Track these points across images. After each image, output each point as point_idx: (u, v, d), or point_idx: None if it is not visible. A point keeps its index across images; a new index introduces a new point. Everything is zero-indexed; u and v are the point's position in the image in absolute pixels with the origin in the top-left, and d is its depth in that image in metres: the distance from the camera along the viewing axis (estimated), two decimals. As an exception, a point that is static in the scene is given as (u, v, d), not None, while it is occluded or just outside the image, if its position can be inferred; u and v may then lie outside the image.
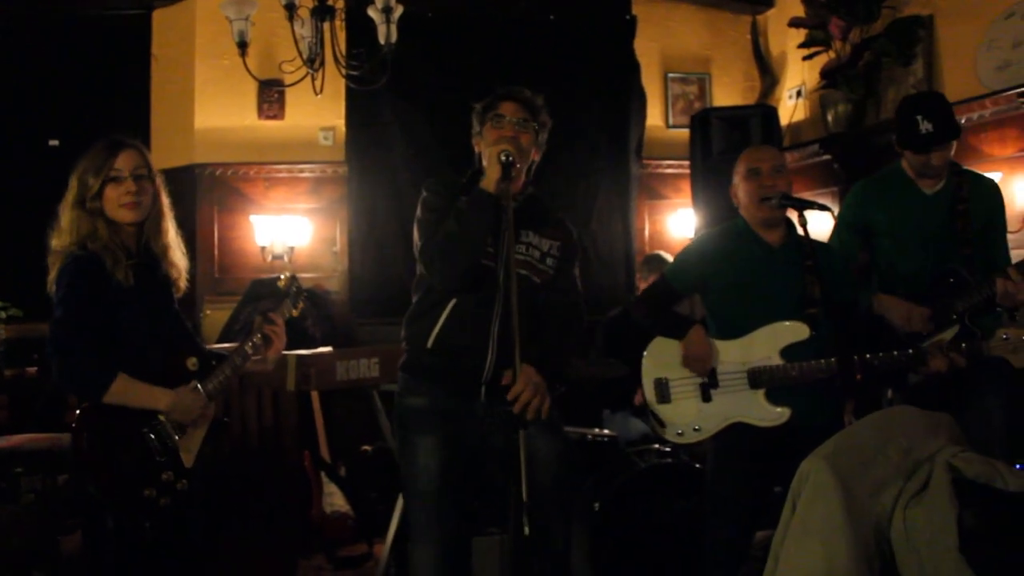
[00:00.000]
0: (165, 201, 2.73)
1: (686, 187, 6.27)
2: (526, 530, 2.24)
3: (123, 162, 2.61)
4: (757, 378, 3.11)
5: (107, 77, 6.69)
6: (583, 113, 6.57)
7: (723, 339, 3.18)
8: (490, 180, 2.61)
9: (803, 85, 6.43)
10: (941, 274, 3.33)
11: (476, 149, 2.84)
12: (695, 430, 3.16)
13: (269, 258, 6.28)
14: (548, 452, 2.68)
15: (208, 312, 6.11)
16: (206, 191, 6.36)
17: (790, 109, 6.49)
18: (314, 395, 5.16)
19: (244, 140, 6.41)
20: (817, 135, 6.10)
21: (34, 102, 6.72)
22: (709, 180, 5.31)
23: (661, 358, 3.24)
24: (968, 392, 3.18)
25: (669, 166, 6.87)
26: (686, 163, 5.86)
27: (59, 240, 2.61)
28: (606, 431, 4.26)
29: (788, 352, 3.10)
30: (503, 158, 2.60)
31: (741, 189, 3.21)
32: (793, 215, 3.17)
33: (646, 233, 6.87)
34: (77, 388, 2.51)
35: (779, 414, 3.09)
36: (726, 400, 3.14)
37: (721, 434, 3.13)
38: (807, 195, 5.65)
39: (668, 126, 6.92)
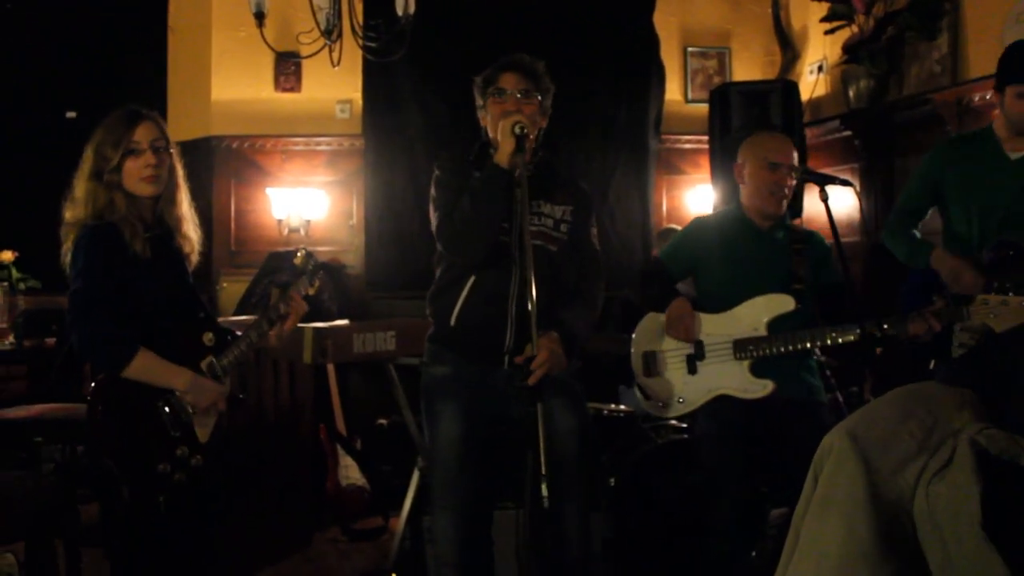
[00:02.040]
0: (180, 173, 2.72)
1: (705, 162, 6.23)
2: (545, 502, 2.25)
3: (142, 134, 2.59)
4: (743, 349, 3.13)
5: (123, 49, 6.70)
6: (601, 87, 6.52)
7: (712, 312, 3.21)
8: (503, 153, 2.60)
9: (824, 60, 6.37)
10: (1001, 244, 3.17)
11: (482, 123, 2.83)
12: (679, 402, 3.20)
13: (285, 231, 6.29)
14: (567, 425, 2.69)
15: (224, 285, 6.13)
16: (222, 163, 6.36)
17: (811, 84, 6.43)
18: (330, 368, 5.18)
19: (261, 112, 6.41)
20: (838, 111, 6.04)
21: (50, 74, 6.74)
22: (728, 155, 5.26)
23: (650, 332, 3.28)
24: (1014, 369, 3.15)
25: (687, 141, 6.82)
26: (705, 138, 5.83)
27: (73, 212, 2.59)
28: (622, 406, 4.26)
29: (774, 325, 3.15)
30: (517, 130, 2.59)
31: (754, 176, 3.23)
32: (813, 190, 3.16)
33: (664, 208, 6.84)
34: (98, 360, 2.50)
35: (762, 386, 3.13)
36: (711, 372, 3.17)
37: (706, 407, 3.16)
38: (828, 171, 5.60)
39: (687, 101, 6.87)
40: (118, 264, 2.52)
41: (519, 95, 2.71)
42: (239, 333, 2.76)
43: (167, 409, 2.55)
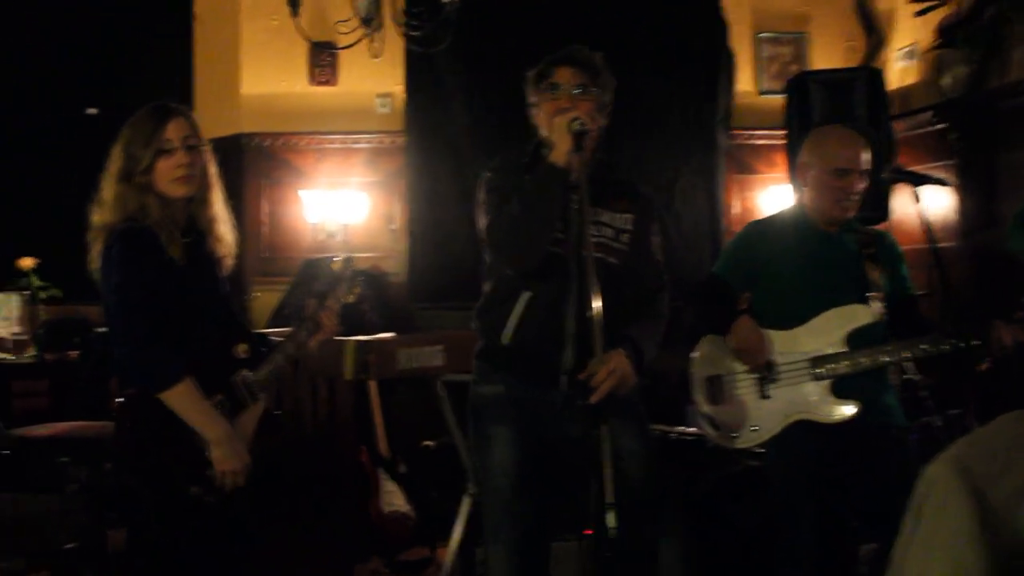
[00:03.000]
0: (212, 171, 2.75)
1: (780, 160, 6.18)
2: (611, 533, 2.24)
3: (173, 131, 2.63)
4: (821, 368, 3.11)
5: (146, 40, 6.82)
6: (664, 79, 6.49)
7: (781, 329, 3.17)
8: (559, 152, 2.60)
9: (915, 44, 6.29)
10: None
11: (535, 121, 2.83)
12: (752, 430, 3.16)
13: (321, 236, 6.34)
14: (633, 450, 2.68)
15: (257, 294, 6.20)
16: (252, 163, 6.45)
17: (899, 72, 6.35)
18: (372, 385, 5.21)
19: (294, 108, 6.48)
20: (930, 101, 5.96)
21: (69, 68, 6.89)
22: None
23: (712, 356, 3.27)
24: None
25: (761, 136, 6.77)
26: (780, 133, 5.78)
27: (102, 216, 2.63)
28: (691, 429, 4.24)
29: (854, 338, 3.09)
30: (576, 126, 2.58)
31: (819, 182, 3.20)
32: (902, 190, 3.12)
33: (734, 211, 6.79)
34: (145, 378, 2.54)
35: (846, 409, 3.06)
36: (786, 395, 3.14)
37: (782, 434, 3.13)
38: (919, 168, 5.52)
39: (760, 92, 6.82)
40: (155, 269, 2.57)
41: (575, 91, 2.71)
42: (278, 339, 2.80)
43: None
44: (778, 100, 5.83)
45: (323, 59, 6.42)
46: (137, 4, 6.79)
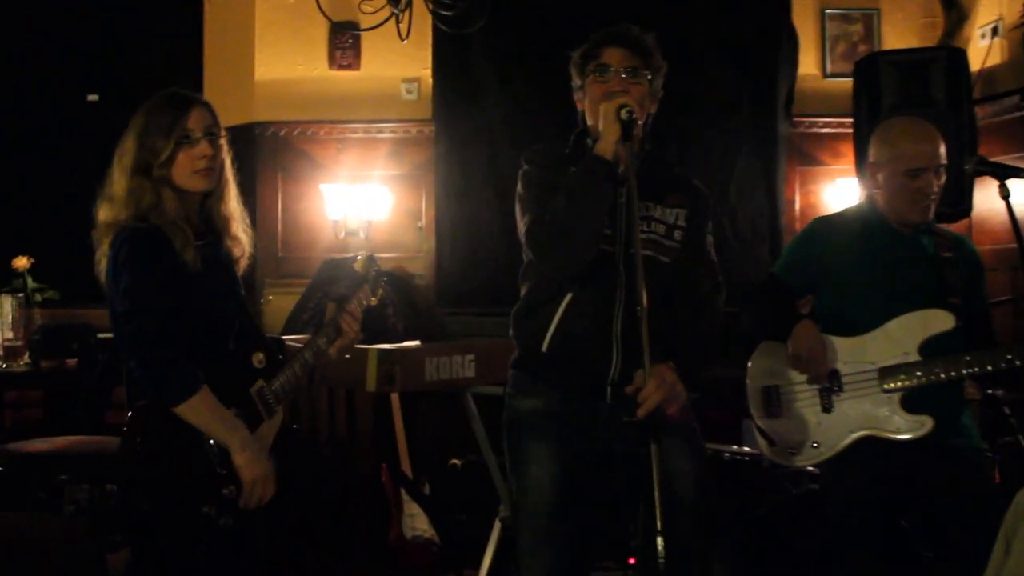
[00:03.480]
0: (228, 165, 2.79)
1: (848, 150, 6.13)
2: (659, 562, 2.25)
3: (195, 120, 2.66)
4: (891, 379, 3.10)
5: (152, 20, 6.88)
6: (718, 62, 6.48)
7: (847, 336, 3.17)
8: (607, 143, 2.61)
9: (1000, 20, 6.23)
10: None
11: (579, 107, 2.84)
12: (813, 446, 3.15)
13: (342, 234, 6.38)
14: (685, 471, 2.68)
15: (270, 298, 6.25)
16: (268, 155, 6.50)
17: (983, 51, 6.29)
18: (394, 398, 5.24)
19: (313, 94, 6.53)
20: (1018, 84, 5.91)
21: (68, 52, 6.96)
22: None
23: (769, 364, 3.27)
24: None
25: (826, 124, 6.73)
26: (848, 121, 5.74)
27: (111, 212, 2.66)
28: (747, 448, 4.22)
29: (928, 347, 3.08)
30: (624, 115, 2.59)
31: (891, 183, 3.19)
32: (987, 184, 3.10)
33: (797, 207, 6.76)
34: (160, 390, 2.56)
35: (919, 423, 3.07)
36: (852, 408, 3.13)
37: (845, 452, 3.12)
38: (1005, 159, 5.47)
39: (825, 75, 6.78)
40: (167, 275, 2.60)
41: (625, 74, 2.72)
42: (294, 344, 2.82)
43: (212, 442, 2.61)
44: (846, 84, 5.78)
45: (344, 41, 6.46)
46: (140, -19, 6.88)
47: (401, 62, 6.41)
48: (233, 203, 2.81)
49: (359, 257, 3.03)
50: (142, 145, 2.65)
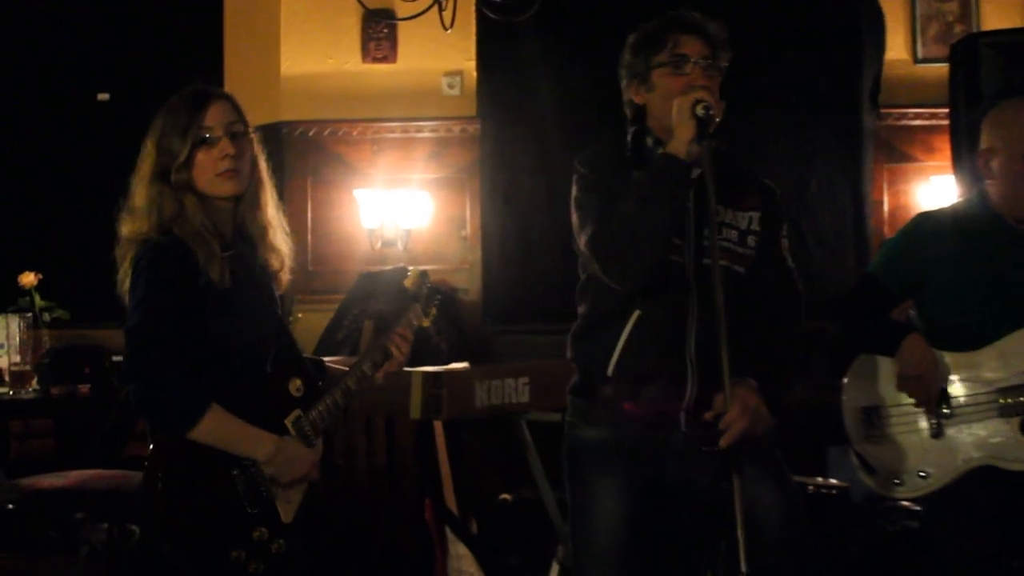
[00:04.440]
0: (263, 166, 2.78)
1: (943, 144, 6.08)
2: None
3: (214, 117, 2.65)
4: (1013, 401, 3.05)
5: (167, 13, 6.94)
6: (794, 48, 6.48)
7: (956, 351, 3.12)
8: (680, 141, 2.61)
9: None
10: None
11: (636, 100, 2.83)
12: (920, 476, 3.11)
13: (378, 245, 6.44)
14: (771, 507, 2.67)
15: (300, 316, 6.28)
16: (296, 158, 6.57)
17: (1094, 32, 6.23)
18: (438, 426, 5.26)
19: (345, 90, 6.60)
20: None
21: (77, 48, 7.03)
22: (977, 134, 5.16)
23: (868, 381, 3.23)
24: None
25: (918, 116, 6.71)
26: (943, 111, 5.71)
27: (132, 225, 2.66)
28: (833, 480, 4.20)
29: None
30: (700, 111, 2.60)
31: (1007, 170, 3.15)
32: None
33: (885, 209, 6.73)
34: (159, 418, 2.58)
35: None
36: (965, 434, 3.09)
37: (956, 484, 3.08)
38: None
39: (916, 60, 6.75)
40: (187, 293, 2.60)
41: (703, 65, 2.72)
42: (333, 366, 2.83)
43: (243, 480, 2.62)
44: (940, 70, 5.77)
45: (379, 31, 6.52)
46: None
47: (442, 53, 6.46)
48: (270, 209, 2.80)
49: (410, 273, 3.03)
50: (159, 148, 2.65)
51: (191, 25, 7.00)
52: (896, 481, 3.16)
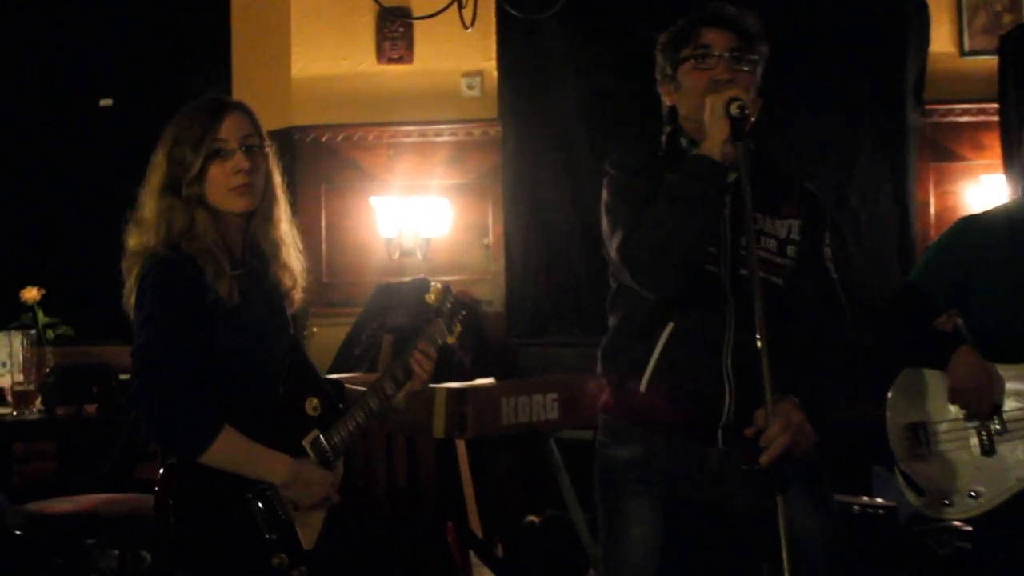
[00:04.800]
0: (277, 180, 2.80)
1: (992, 142, 6.08)
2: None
3: (229, 129, 2.67)
4: None
5: (172, 13, 6.96)
6: (833, 42, 6.46)
7: (1008, 363, 3.12)
8: (713, 142, 2.60)
9: None
10: None
11: (666, 100, 2.84)
12: (972, 496, 3.11)
13: (396, 255, 6.45)
14: (814, 529, 2.67)
15: (315, 330, 6.29)
16: (308, 164, 6.59)
17: None
18: (460, 444, 5.27)
19: (359, 93, 6.62)
20: None
21: (78, 51, 7.06)
22: (1029, 130, 5.16)
23: (914, 396, 3.23)
24: None
25: (965, 112, 6.68)
26: (992, 107, 5.71)
27: (140, 237, 2.68)
28: (879, 499, 4.19)
29: None
30: (734, 110, 2.60)
31: None
32: None
33: (931, 210, 6.70)
34: (169, 441, 2.60)
35: None
36: (1019, 452, 3.09)
37: (1010, 505, 3.08)
38: None
39: (963, 53, 6.73)
40: (195, 311, 2.62)
41: (730, 58, 2.73)
42: (351, 385, 2.84)
43: (260, 504, 2.63)
44: (988, 63, 5.76)
45: (395, 30, 6.53)
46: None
47: (461, 53, 6.47)
48: (283, 225, 2.82)
49: (434, 287, 3.04)
50: (171, 160, 2.67)
51: (196, 25, 7.02)
52: (945, 502, 3.15)
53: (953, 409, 3.16)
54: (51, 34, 7.05)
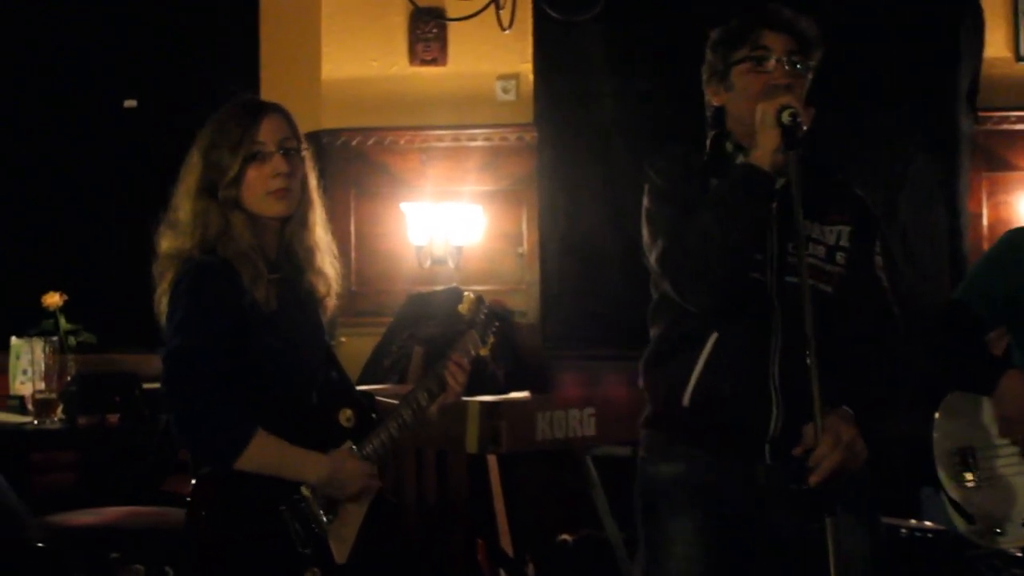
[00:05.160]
0: (313, 184, 2.84)
1: (1050, 151, 6.06)
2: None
3: (268, 132, 2.71)
4: None
5: (198, 13, 7.01)
6: (882, 45, 6.45)
7: None
8: (763, 150, 2.61)
9: None
10: None
11: (713, 101, 2.85)
12: None
13: (427, 263, 6.46)
14: (863, 553, 2.67)
15: (343, 340, 6.31)
16: (338, 169, 6.62)
17: None
18: (491, 460, 5.28)
19: (390, 96, 6.65)
20: None
21: (101, 51, 7.10)
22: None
23: (962, 420, 3.24)
24: None
25: (1020, 119, 6.66)
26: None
27: (175, 240, 2.72)
28: (929, 523, 4.18)
29: None
30: (786, 118, 2.60)
31: None
32: None
33: (984, 222, 6.67)
34: (202, 448, 2.64)
35: None
36: None
37: None
38: None
39: (1019, 58, 6.70)
40: (230, 316, 2.65)
41: (788, 64, 2.74)
42: (382, 398, 2.86)
43: (294, 517, 2.66)
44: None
45: (428, 31, 6.55)
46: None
47: (496, 55, 6.50)
48: (318, 230, 2.86)
49: (467, 297, 3.06)
50: (207, 162, 2.71)
51: (224, 24, 7.06)
52: (997, 530, 3.15)
53: (1003, 435, 3.16)
54: (74, 34, 7.09)
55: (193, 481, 2.64)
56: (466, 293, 3.07)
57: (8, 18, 6.94)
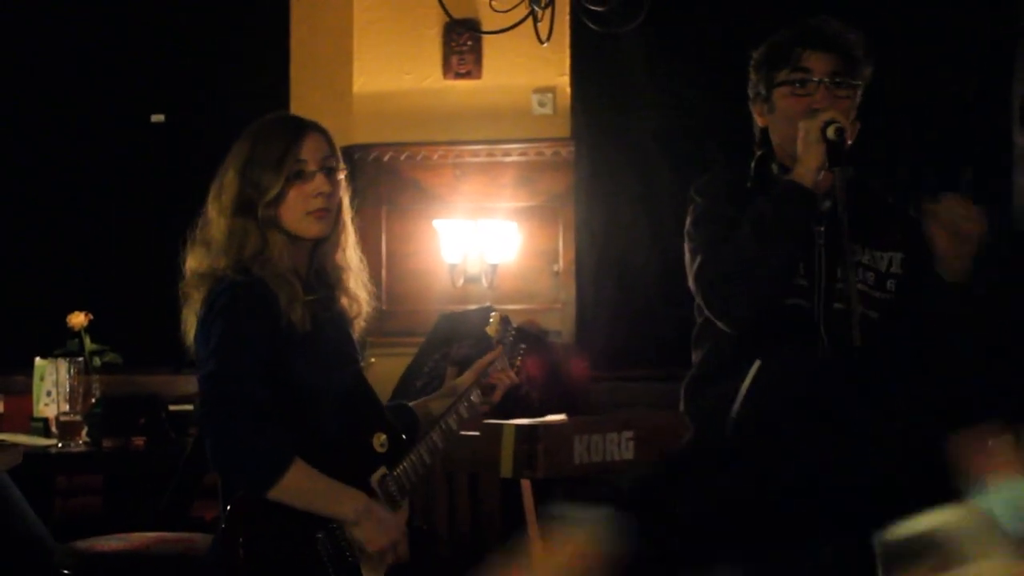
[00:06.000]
0: (346, 205, 2.87)
1: (1107, 169, 6.02)
2: None
3: (310, 151, 2.73)
4: None
5: (228, 25, 7.05)
6: (934, 58, 6.43)
7: None
8: (806, 168, 2.60)
9: None
10: None
11: (758, 121, 2.84)
12: None
13: (460, 281, 6.50)
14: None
15: (372, 360, 6.32)
16: (368, 185, 6.63)
17: None
18: (526, 485, 5.27)
19: (423, 110, 6.68)
20: None
21: (128, 65, 7.14)
22: None
23: None
24: None
25: (1078, 134, 6.62)
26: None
27: (206, 259, 2.73)
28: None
29: None
30: (832, 134, 2.59)
31: None
32: None
33: (1039, 241, 6.63)
34: (239, 474, 2.65)
35: None
36: None
37: None
38: None
39: (1077, 69, 6.67)
40: (267, 338, 2.66)
41: (831, 84, 2.73)
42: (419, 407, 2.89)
43: (330, 545, 2.68)
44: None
45: (462, 43, 6.58)
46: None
47: (532, 68, 6.52)
48: (351, 251, 2.88)
49: (493, 318, 3.07)
50: (245, 179, 2.72)
51: (253, 36, 7.08)
52: None
53: None
54: (102, 48, 7.13)
55: (228, 507, 2.65)
56: (492, 313, 3.08)
57: (36, 34, 7.00)
